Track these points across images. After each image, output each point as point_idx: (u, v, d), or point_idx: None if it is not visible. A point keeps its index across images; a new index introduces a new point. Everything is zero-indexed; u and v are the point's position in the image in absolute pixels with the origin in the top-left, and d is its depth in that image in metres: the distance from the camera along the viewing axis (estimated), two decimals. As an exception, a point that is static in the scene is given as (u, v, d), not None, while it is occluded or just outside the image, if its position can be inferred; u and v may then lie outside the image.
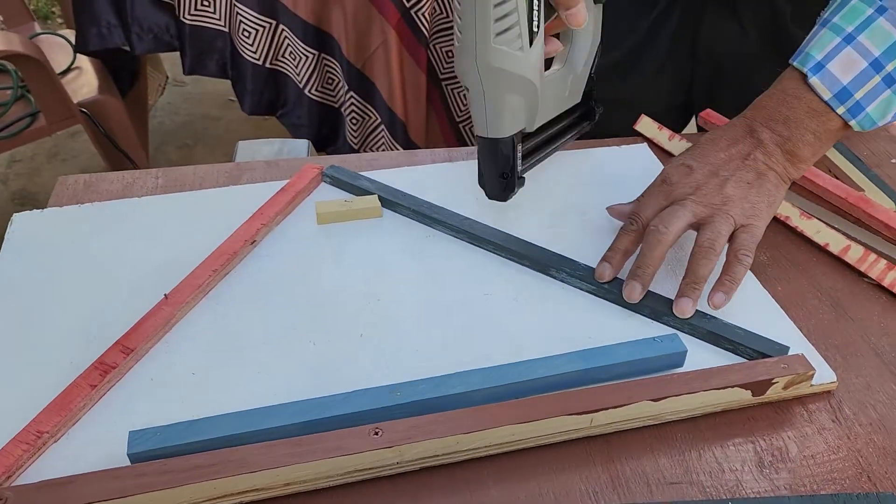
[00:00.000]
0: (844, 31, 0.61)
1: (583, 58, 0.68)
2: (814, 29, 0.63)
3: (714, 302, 0.58)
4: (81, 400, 0.50)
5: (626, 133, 0.84)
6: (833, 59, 0.60)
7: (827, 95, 0.61)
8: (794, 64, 0.63)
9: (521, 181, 0.62)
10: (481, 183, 0.63)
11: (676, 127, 0.94)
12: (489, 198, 0.63)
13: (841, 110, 0.61)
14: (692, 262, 0.59)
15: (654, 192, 0.64)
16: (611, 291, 0.60)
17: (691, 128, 1.02)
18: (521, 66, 0.55)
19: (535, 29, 0.55)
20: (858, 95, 0.60)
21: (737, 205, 0.60)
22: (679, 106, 0.97)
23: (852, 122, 0.61)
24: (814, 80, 0.61)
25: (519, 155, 0.61)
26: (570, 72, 0.67)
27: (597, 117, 0.75)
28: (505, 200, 0.63)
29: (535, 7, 0.55)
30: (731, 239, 0.60)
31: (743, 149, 0.63)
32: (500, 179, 0.61)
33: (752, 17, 0.85)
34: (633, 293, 0.59)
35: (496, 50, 0.54)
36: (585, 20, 0.60)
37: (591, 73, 0.70)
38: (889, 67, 0.59)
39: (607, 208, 0.69)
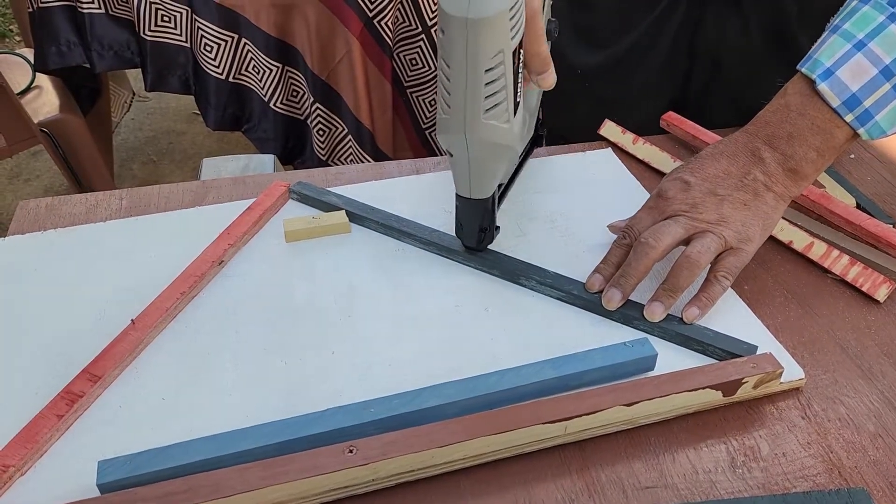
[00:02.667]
0: (855, 37, 0.60)
1: (535, 95, 0.71)
2: (823, 35, 0.62)
3: (686, 315, 0.59)
4: (48, 431, 0.49)
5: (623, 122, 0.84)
6: (843, 66, 0.59)
7: (835, 103, 0.59)
8: (803, 70, 0.61)
9: (498, 229, 0.64)
10: (459, 234, 0.64)
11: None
12: (466, 248, 0.65)
13: (849, 118, 0.59)
14: (674, 270, 0.59)
15: (649, 207, 0.64)
16: (580, 297, 0.61)
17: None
18: (507, 137, 0.56)
19: (517, 100, 0.56)
20: (868, 103, 0.59)
21: (731, 226, 0.60)
22: (674, 104, 0.94)
23: (861, 131, 0.60)
24: (822, 86, 0.60)
25: (497, 207, 0.63)
26: (527, 111, 0.69)
27: (543, 143, 0.78)
28: (483, 250, 0.65)
29: (519, 80, 0.56)
30: (718, 259, 0.60)
31: (743, 167, 0.62)
32: (480, 232, 0.63)
33: (756, 17, 0.84)
34: (612, 301, 0.59)
35: (485, 125, 0.55)
36: (554, 82, 0.60)
37: (538, 104, 0.73)
38: None
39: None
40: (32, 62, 1.64)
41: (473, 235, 0.63)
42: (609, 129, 0.83)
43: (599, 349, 0.55)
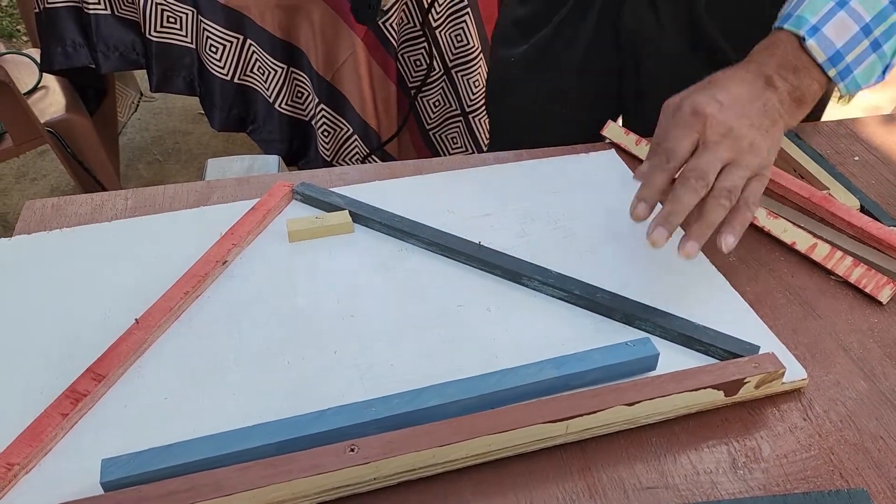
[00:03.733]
0: None
1: None
2: None
3: (726, 243, 0.57)
4: (53, 430, 0.49)
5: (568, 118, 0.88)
6: (828, 23, 0.61)
7: (821, 58, 0.61)
8: (787, 27, 0.62)
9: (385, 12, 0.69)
10: (352, 9, 0.68)
11: (613, 119, 0.95)
12: (358, 21, 0.70)
13: (832, 73, 0.62)
14: (709, 205, 0.57)
15: (684, 124, 0.60)
16: (582, 298, 0.61)
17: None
18: None
19: None
20: (849, 59, 0.61)
21: (757, 153, 0.59)
22: (612, 98, 0.97)
23: (840, 85, 0.62)
24: (811, 42, 0.61)
25: None
26: None
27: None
28: (373, 23, 0.70)
29: None
30: (744, 186, 0.59)
31: (761, 93, 0.61)
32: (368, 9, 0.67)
33: (668, 6, 0.85)
34: (660, 240, 0.57)
35: None
36: None
37: None
38: (876, 32, 0.61)
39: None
40: (39, 62, 1.65)
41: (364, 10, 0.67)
42: (612, 130, 0.83)
43: (601, 349, 0.55)
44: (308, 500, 0.47)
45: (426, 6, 1.45)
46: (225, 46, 1.47)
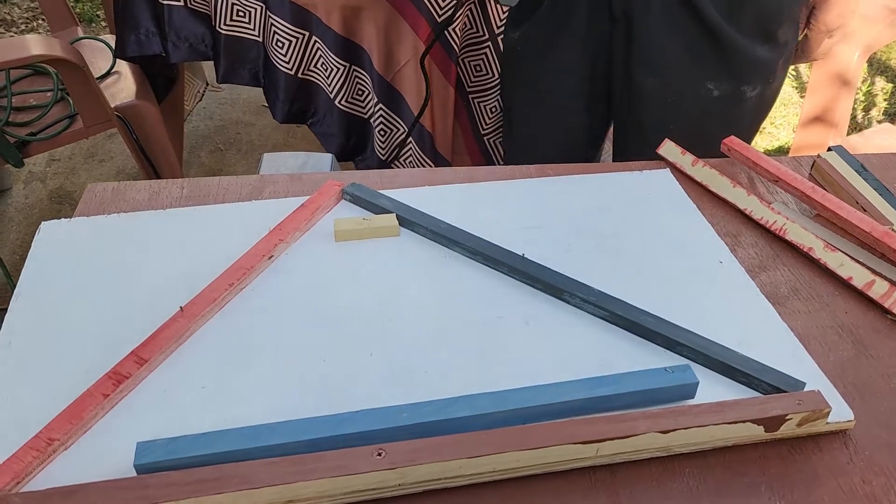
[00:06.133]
0: None
1: None
2: None
3: None
4: (93, 409, 0.51)
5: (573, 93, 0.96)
6: None
7: None
8: None
9: None
10: None
11: (600, 98, 0.99)
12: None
13: None
14: None
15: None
16: (624, 318, 0.60)
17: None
18: None
19: None
20: None
21: None
22: (600, 75, 0.98)
23: None
24: None
25: None
26: None
27: None
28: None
29: None
30: None
31: None
32: None
33: None
34: None
35: None
36: None
37: None
38: None
39: None
40: (113, 48, 1.70)
41: None
42: (668, 149, 0.81)
43: (639, 372, 0.54)
44: (333, 500, 0.47)
45: (490, 12, 1.45)
46: (291, 42, 1.49)
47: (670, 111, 0.95)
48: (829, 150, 0.81)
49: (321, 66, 1.53)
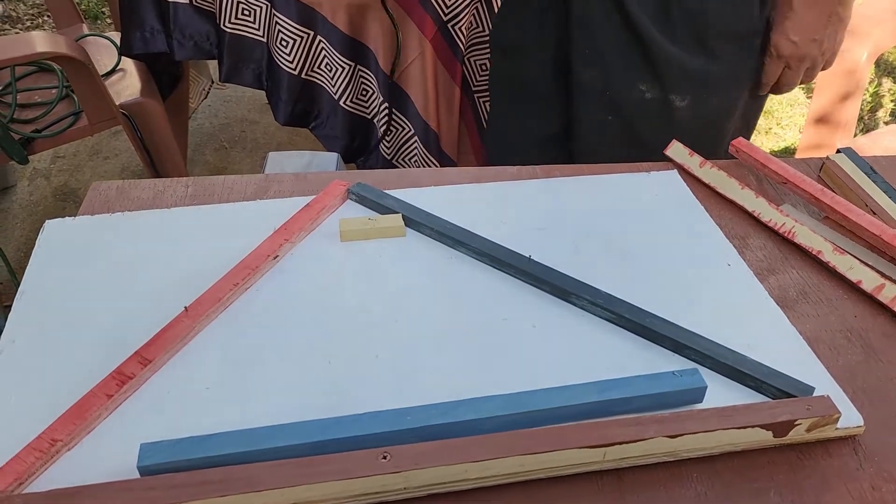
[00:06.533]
0: None
1: None
2: None
3: None
4: (97, 409, 0.50)
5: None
6: None
7: None
8: None
9: None
10: None
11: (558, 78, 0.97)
12: None
13: None
14: None
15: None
16: (631, 321, 0.59)
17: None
18: None
19: None
20: None
21: (827, 53, 0.91)
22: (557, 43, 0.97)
23: None
24: None
25: None
26: None
27: None
28: None
29: None
30: None
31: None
32: None
33: None
34: None
35: None
36: None
37: None
38: None
39: None
40: (118, 46, 1.70)
41: None
42: (676, 150, 0.81)
43: (647, 376, 0.54)
44: (338, 503, 0.47)
45: (496, 11, 1.45)
46: (295, 41, 1.49)
47: (608, 107, 0.93)
48: (839, 151, 0.80)
49: (325, 66, 1.53)
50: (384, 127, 1.54)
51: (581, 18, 0.90)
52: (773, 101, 2.57)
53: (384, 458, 0.47)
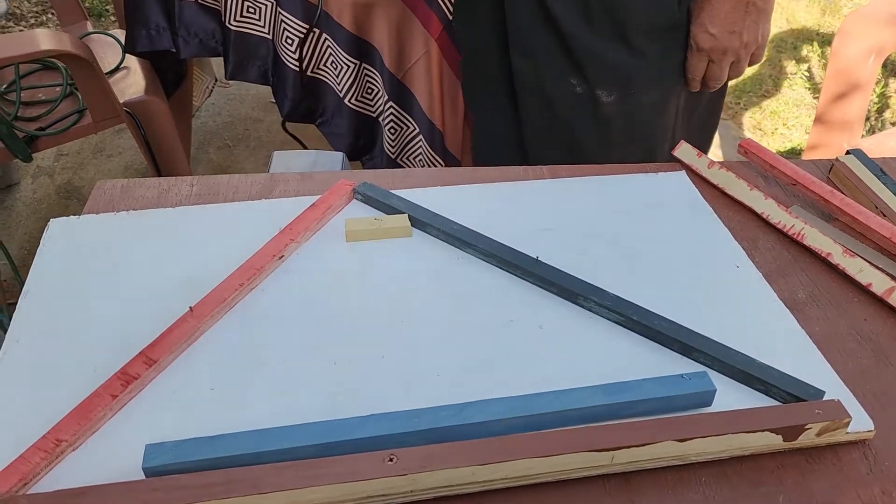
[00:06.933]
0: None
1: None
2: None
3: None
4: (102, 410, 0.50)
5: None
6: None
7: None
8: None
9: None
10: None
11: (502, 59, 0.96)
12: None
13: None
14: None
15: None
16: (639, 323, 0.59)
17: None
18: None
19: None
20: None
21: (750, 46, 0.89)
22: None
23: None
24: None
25: None
26: None
27: None
28: None
29: None
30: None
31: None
32: None
33: None
34: None
35: None
36: None
37: None
38: None
39: None
40: (123, 43, 1.70)
41: None
42: (684, 151, 0.80)
43: (655, 379, 0.53)
44: (343, 505, 0.46)
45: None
46: (300, 39, 1.48)
47: (545, 102, 0.92)
48: (848, 153, 0.80)
49: (330, 64, 1.52)
50: (389, 126, 1.54)
51: (512, 15, 0.89)
52: (779, 102, 2.56)
53: (390, 460, 0.46)
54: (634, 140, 0.91)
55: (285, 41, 1.50)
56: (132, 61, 1.76)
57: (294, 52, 1.50)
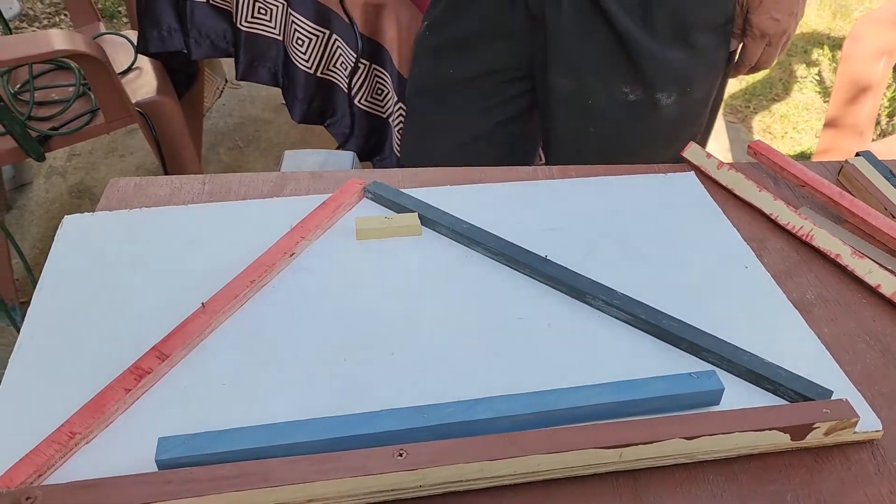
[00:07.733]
0: None
1: None
2: None
3: None
4: (115, 403, 0.51)
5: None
6: None
7: None
8: None
9: None
10: None
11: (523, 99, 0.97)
12: None
13: None
14: None
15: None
16: (648, 323, 0.59)
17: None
18: None
19: None
20: None
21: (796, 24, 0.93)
22: (523, 76, 0.98)
23: None
24: None
25: None
26: None
27: None
28: None
29: None
30: None
31: None
32: None
33: None
34: None
35: None
36: None
37: None
38: None
39: None
40: (135, 44, 1.71)
41: None
42: (693, 152, 0.80)
43: (663, 377, 0.54)
44: (353, 499, 0.47)
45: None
46: (311, 40, 1.49)
47: (589, 115, 0.93)
48: (858, 155, 0.80)
49: (341, 65, 1.53)
50: (398, 126, 1.55)
51: (556, 32, 0.89)
52: (788, 106, 2.55)
53: (400, 455, 0.47)
54: (681, 137, 0.92)
55: (296, 42, 1.50)
56: (144, 62, 1.77)
57: (304, 53, 1.51)
